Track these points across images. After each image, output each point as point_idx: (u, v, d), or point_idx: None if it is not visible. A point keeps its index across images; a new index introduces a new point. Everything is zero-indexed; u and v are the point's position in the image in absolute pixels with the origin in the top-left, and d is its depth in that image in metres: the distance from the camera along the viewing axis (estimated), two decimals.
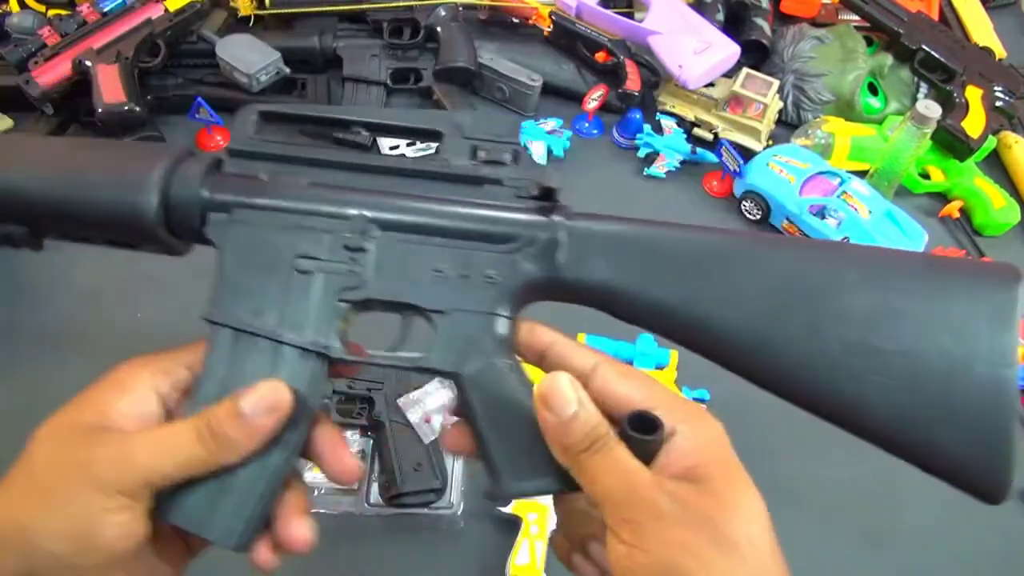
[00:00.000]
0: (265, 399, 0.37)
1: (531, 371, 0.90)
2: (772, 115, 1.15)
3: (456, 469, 0.80)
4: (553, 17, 1.17)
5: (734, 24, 1.21)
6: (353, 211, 0.41)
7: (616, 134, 1.16)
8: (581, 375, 0.39)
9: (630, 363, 0.90)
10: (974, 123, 1.12)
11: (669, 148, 1.12)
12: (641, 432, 0.36)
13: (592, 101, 1.12)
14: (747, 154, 1.11)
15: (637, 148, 1.13)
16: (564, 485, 0.40)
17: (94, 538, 0.35)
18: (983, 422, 0.37)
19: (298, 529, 0.40)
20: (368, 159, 0.43)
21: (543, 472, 0.40)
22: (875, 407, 0.38)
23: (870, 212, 1.01)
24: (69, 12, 1.06)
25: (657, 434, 0.36)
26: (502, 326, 0.42)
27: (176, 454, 0.36)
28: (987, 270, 0.41)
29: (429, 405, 0.82)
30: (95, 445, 0.36)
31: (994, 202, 1.11)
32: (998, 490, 0.38)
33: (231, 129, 0.43)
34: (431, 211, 0.42)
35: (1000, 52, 1.27)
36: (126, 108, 0.99)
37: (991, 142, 1.14)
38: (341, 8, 1.17)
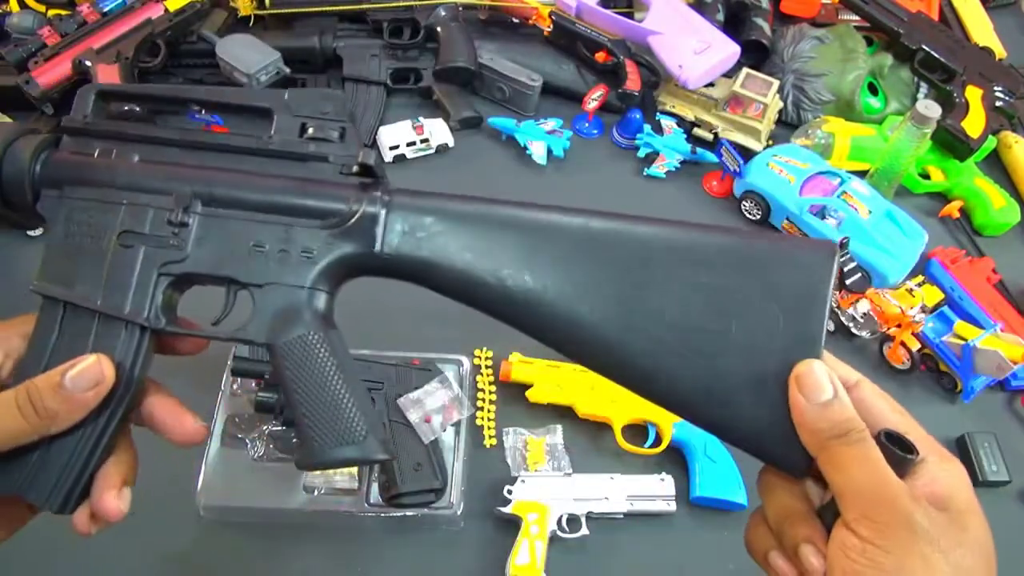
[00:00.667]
0: (87, 374, 0.38)
1: (532, 372, 0.89)
2: (772, 115, 1.15)
3: (456, 469, 0.80)
4: (553, 17, 1.17)
5: (734, 24, 1.21)
6: (176, 187, 0.43)
7: (616, 134, 1.16)
8: (844, 384, 0.39)
9: None
10: (974, 123, 1.12)
11: (669, 148, 1.12)
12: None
13: (592, 101, 1.12)
14: (747, 154, 1.11)
15: (637, 148, 1.13)
16: (380, 453, 0.41)
17: None
18: (783, 411, 0.38)
19: (108, 500, 0.41)
20: (197, 136, 0.44)
21: (352, 440, 0.41)
22: (682, 382, 0.39)
23: (870, 212, 1.01)
24: (69, 12, 1.06)
25: (912, 455, 0.36)
26: (319, 300, 0.43)
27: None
28: (802, 248, 0.40)
29: (429, 405, 0.82)
30: None
31: (994, 202, 1.11)
32: (797, 470, 0.38)
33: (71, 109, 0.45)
34: (252, 186, 0.43)
35: (1000, 52, 1.27)
36: (126, 108, 0.98)
37: (991, 142, 1.14)
38: (341, 8, 1.17)
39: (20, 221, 0.46)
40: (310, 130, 0.44)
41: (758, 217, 1.08)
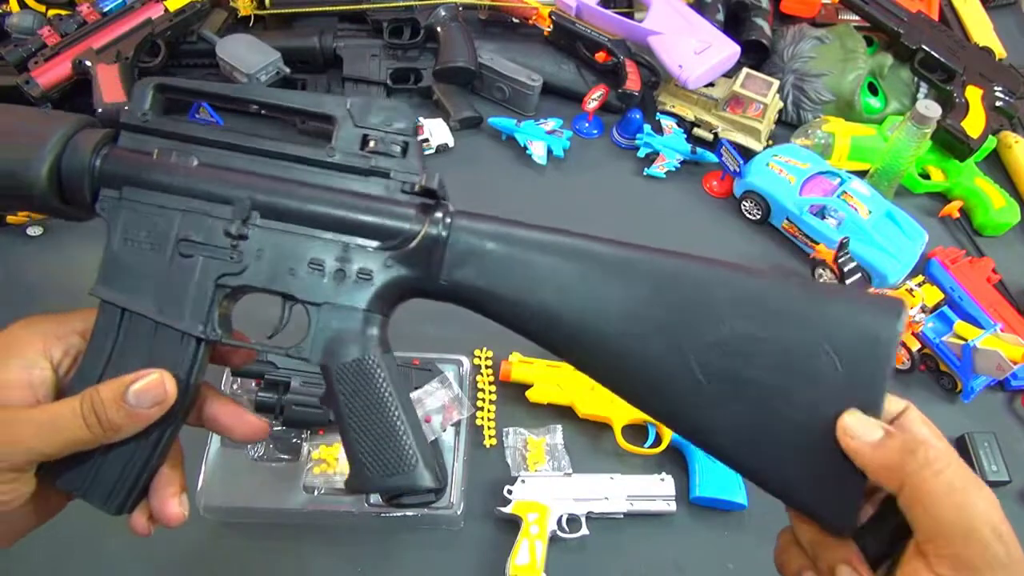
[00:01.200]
0: (151, 391, 0.39)
1: (532, 372, 0.88)
2: (772, 115, 1.15)
3: (456, 469, 0.80)
4: (553, 17, 1.17)
5: (734, 24, 1.21)
6: (236, 196, 0.41)
7: (616, 134, 1.16)
8: (892, 412, 0.39)
9: None
10: (974, 123, 1.12)
11: (669, 148, 1.12)
12: None
13: (592, 101, 1.12)
14: (747, 154, 1.11)
15: (637, 148, 1.13)
16: (430, 483, 0.42)
17: None
18: (835, 469, 0.36)
19: (172, 507, 0.42)
20: (258, 142, 0.43)
21: (402, 469, 0.41)
22: (728, 433, 0.38)
23: (870, 212, 1.01)
24: (69, 12, 1.06)
25: None
26: (375, 323, 0.42)
27: (61, 436, 0.38)
28: (867, 306, 0.38)
29: (429, 405, 0.82)
30: None
31: (994, 202, 1.11)
32: (843, 529, 0.37)
33: (128, 102, 0.44)
34: (313, 200, 0.41)
35: (1000, 52, 1.27)
36: (126, 108, 0.98)
37: (991, 142, 1.14)
38: (341, 8, 1.17)
39: (76, 216, 0.45)
40: (372, 143, 0.42)
41: (758, 217, 1.08)
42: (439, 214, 0.42)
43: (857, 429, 0.36)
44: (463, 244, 0.41)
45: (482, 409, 0.87)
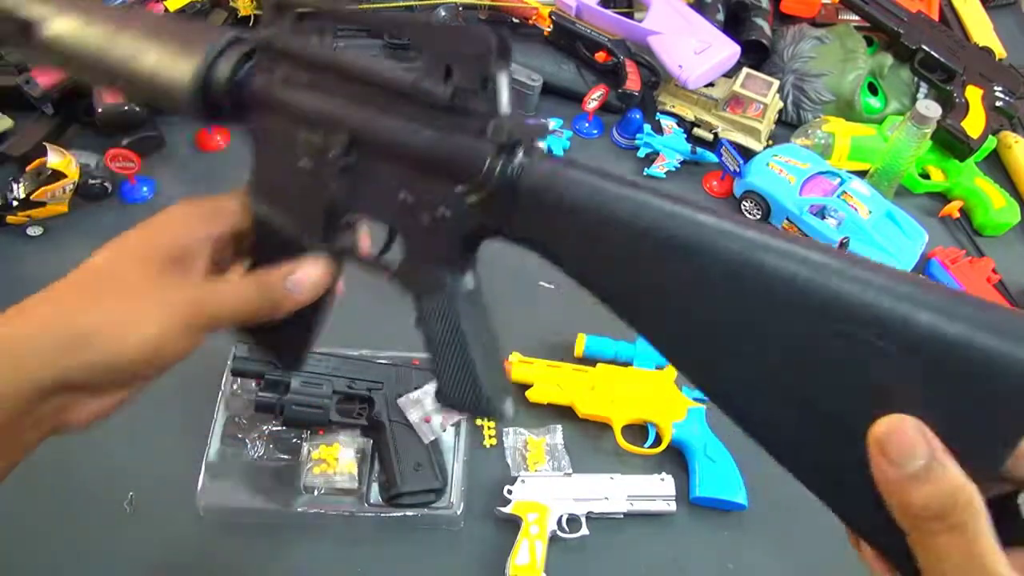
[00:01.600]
0: (303, 282, 0.45)
1: (532, 372, 0.88)
2: (772, 115, 1.15)
3: (456, 469, 0.80)
4: (553, 17, 1.17)
5: (734, 24, 1.21)
6: (342, 123, 0.43)
7: (616, 134, 1.16)
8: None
9: (630, 363, 0.90)
10: (974, 123, 1.12)
11: (669, 148, 1.12)
12: None
13: (592, 101, 1.12)
14: (747, 154, 1.11)
15: (637, 148, 1.13)
16: (507, 411, 0.45)
17: (159, 351, 0.41)
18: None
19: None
20: (363, 69, 0.43)
21: (482, 399, 0.44)
22: (799, 462, 0.33)
23: (870, 212, 1.01)
24: None
25: None
26: (456, 260, 0.43)
27: (239, 308, 0.44)
28: (994, 321, 0.28)
29: (429, 405, 0.82)
30: (175, 287, 0.42)
31: (994, 202, 1.11)
32: None
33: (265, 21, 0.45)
34: (408, 136, 0.41)
35: (1000, 52, 1.27)
36: (126, 108, 0.99)
37: (991, 142, 1.14)
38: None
39: (225, 125, 0.47)
40: (456, 75, 0.40)
41: (758, 217, 1.08)
42: (518, 156, 0.39)
43: (894, 448, 0.28)
44: (541, 190, 0.39)
45: None
